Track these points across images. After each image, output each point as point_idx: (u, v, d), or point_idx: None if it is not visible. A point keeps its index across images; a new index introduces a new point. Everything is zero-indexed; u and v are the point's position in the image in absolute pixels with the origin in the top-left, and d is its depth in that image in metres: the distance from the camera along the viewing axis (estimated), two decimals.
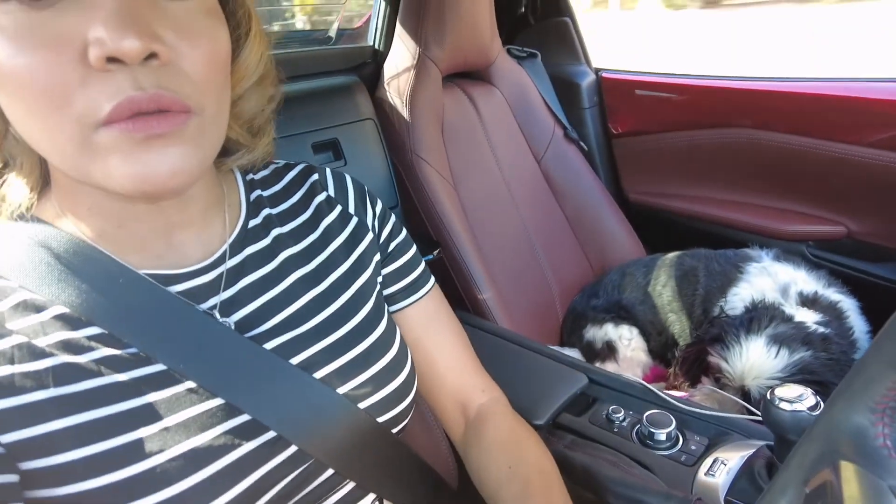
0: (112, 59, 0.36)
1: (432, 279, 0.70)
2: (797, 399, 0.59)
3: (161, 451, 0.43)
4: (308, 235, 0.59)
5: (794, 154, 1.32)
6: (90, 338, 0.44)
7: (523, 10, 1.66)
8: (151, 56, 0.38)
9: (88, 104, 0.37)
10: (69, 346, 0.44)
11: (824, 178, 1.31)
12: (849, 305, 1.06)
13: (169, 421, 0.44)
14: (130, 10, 0.37)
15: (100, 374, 0.44)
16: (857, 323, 1.04)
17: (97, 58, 0.36)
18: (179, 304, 0.48)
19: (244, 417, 0.47)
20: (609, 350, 1.27)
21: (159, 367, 0.46)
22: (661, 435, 0.76)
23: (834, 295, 1.07)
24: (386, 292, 0.65)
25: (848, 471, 0.27)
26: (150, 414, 0.44)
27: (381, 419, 0.56)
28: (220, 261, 0.52)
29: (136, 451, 0.42)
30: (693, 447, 0.75)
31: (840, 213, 1.32)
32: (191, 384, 0.46)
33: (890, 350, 0.26)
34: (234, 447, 0.46)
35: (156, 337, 0.46)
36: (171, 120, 0.39)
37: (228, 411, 0.47)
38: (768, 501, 0.29)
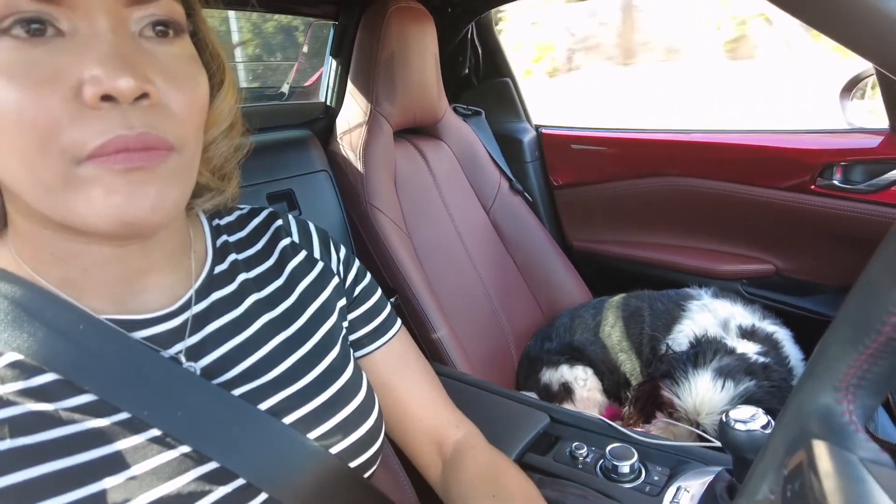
0: (105, 98, 0.37)
1: (398, 321, 0.71)
2: (751, 419, 0.63)
3: (126, 501, 0.41)
4: (273, 281, 0.59)
5: (721, 199, 1.43)
6: (49, 386, 0.43)
7: (467, 71, 1.75)
8: (143, 96, 0.39)
9: (75, 140, 0.37)
10: (26, 395, 0.42)
11: (750, 221, 1.42)
12: (783, 335, 1.13)
13: (135, 470, 0.43)
14: (124, 52, 0.39)
15: (60, 424, 0.42)
16: (793, 351, 1.11)
17: (93, 95, 0.37)
18: (143, 350, 0.47)
19: (213, 465, 0.46)
20: (566, 391, 1.29)
21: (123, 415, 0.44)
22: (625, 468, 0.77)
23: (770, 326, 1.14)
24: (353, 337, 0.65)
25: (820, 448, 0.29)
26: (114, 463, 0.42)
27: (351, 465, 0.55)
28: (186, 306, 0.52)
29: (99, 503, 0.40)
30: (656, 478, 0.77)
31: (768, 253, 1.42)
32: (156, 432, 0.45)
33: (847, 330, 0.28)
34: (202, 495, 0.45)
35: (118, 384, 0.44)
36: (154, 155, 0.40)
37: (197, 459, 0.45)
38: (750, 489, 0.31)
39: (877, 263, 0.27)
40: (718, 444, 0.79)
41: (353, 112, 1.32)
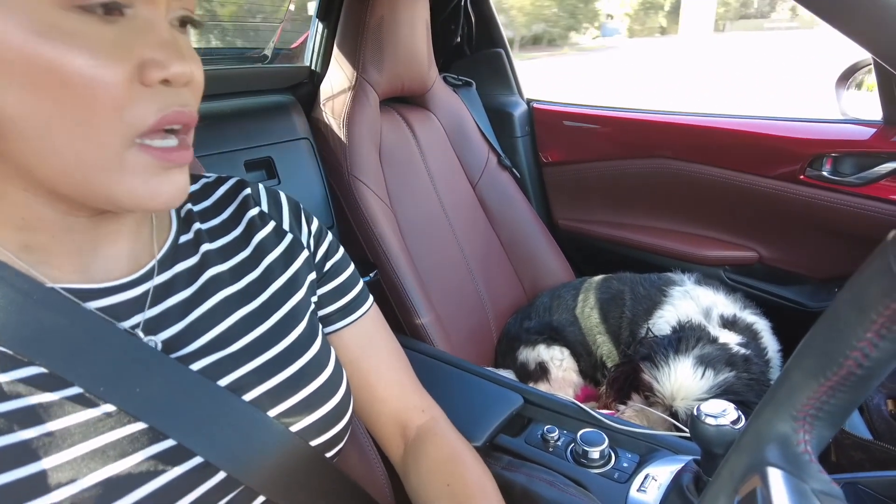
0: (163, 80, 0.41)
1: (370, 299, 0.69)
2: (721, 414, 0.62)
3: (73, 480, 0.40)
4: (239, 252, 0.57)
5: (708, 183, 1.41)
6: None
7: (459, 39, 1.70)
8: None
9: (136, 115, 0.40)
10: None
11: (736, 207, 1.41)
12: (762, 326, 1.13)
13: (83, 447, 0.41)
14: (177, 39, 0.43)
15: (3, 399, 0.40)
16: (770, 343, 1.11)
17: (155, 78, 0.40)
18: (97, 322, 0.45)
19: (169, 442, 0.45)
20: (542, 371, 1.29)
21: (74, 389, 0.42)
22: (595, 453, 0.78)
23: (750, 317, 1.14)
24: (322, 313, 0.64)
25: (775, 476, 0.28)
26: (60, 440, 0.41)
27: (314, 443, 0.54)
28: (148, 276, 0.50)
29: (42, 483, 0.39)
30: (625, 464, 0.77)
31: (751, 241, 1.42)
32: (109, 407, 0.43)
33: (810, 361, 0.28)
34: (157, 474, 0.44)
35: (70, 357, 0.42)
36: (190, 152, 0.45)
37: (152, 436, 0.44)
38: None
39: (845, 296, 0.26)
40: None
41: (338, 78, 1.28)
